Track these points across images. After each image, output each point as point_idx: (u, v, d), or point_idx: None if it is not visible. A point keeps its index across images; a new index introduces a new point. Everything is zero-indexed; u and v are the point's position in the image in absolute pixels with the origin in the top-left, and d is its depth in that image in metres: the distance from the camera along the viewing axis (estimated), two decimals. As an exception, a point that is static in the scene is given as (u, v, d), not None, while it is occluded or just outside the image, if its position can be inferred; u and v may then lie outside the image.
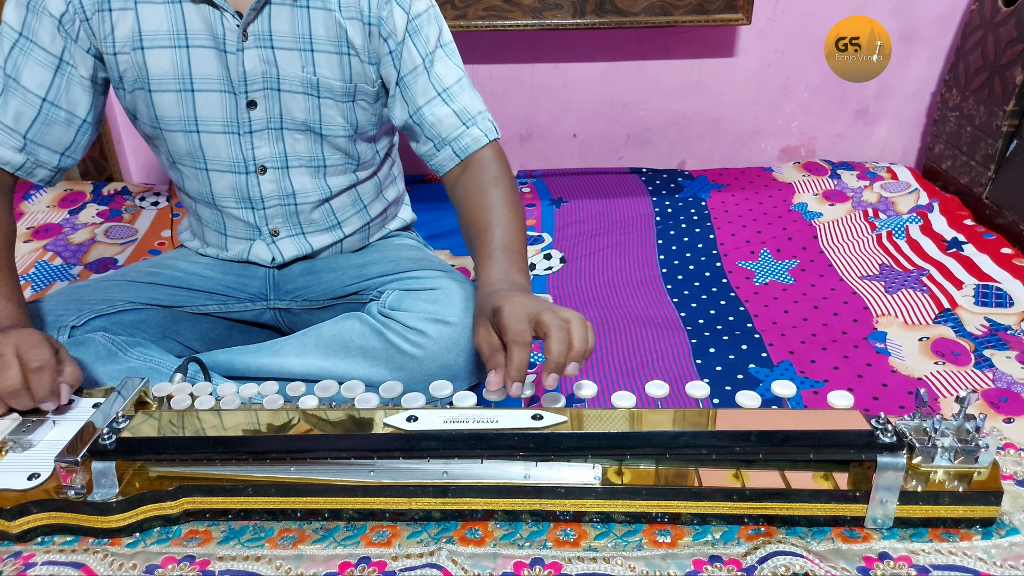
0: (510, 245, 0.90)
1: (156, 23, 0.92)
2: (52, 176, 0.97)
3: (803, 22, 1.70)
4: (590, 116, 1.82)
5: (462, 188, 0.98)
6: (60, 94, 0.93)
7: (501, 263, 0.87)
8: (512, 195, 0.96)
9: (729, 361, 1.14)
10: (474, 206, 0.95)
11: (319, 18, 0.94)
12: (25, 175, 0.95)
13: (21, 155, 0.93)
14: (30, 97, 0.92)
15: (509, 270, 0.86)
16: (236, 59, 0.94)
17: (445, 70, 0.99)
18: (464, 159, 0.99)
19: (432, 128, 0.99)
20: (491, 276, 0.85)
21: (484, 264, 0.88)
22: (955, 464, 0.69)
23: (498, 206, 0.93)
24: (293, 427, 0.73)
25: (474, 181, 0.97)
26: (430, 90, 0.98)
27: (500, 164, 0.99)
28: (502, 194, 0.95)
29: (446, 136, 0.99)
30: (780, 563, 0.65)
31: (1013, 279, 1.28)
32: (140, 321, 1.01)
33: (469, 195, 0.97)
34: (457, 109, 0.98)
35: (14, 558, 0.69)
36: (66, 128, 0.95)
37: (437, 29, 0.99)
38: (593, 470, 0.71)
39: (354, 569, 0.67)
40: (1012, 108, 1.46)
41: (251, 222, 1.05)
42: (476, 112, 0.99)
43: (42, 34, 0.91)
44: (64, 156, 0.97)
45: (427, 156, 1.02)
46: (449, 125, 0.98)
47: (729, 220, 1.60)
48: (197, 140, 0.98)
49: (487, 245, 0.90)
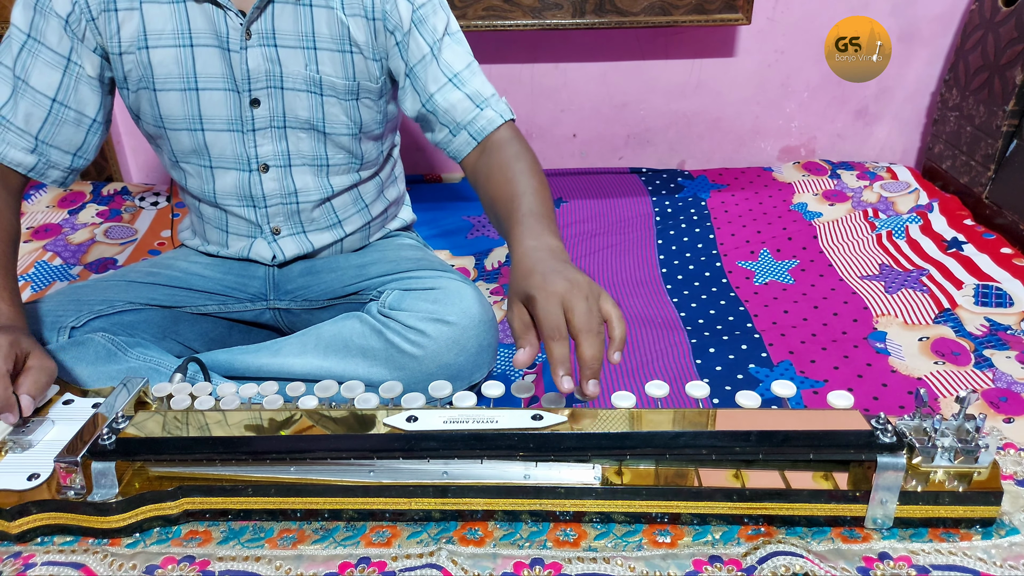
0: (538, 210, 0.86)
1: (161, 22, 0.92)
2: (65, 177, 0.98)
3: (803, 22, 1.70)
4: (590, 116, 1.82)
5: (484, 169, 0.96)
6: (69, 94, 0.93)
7: (532, 227, 0.83)
8: (536, 167, 0.94)
9: (729, 361, 1.14)
10: (498, 181, 0.92)
11: (322, 16, 0.94)
12: (38, 176, 0.95)
13: (33, 156, 0.93)
14: (39, 98, 0.92)
15: (541, 233, 0.82)
16: (240, 57, 0.94)
17: (454, 56, 0.98)
18: (481, 142, 0.98)
19: (446, 114, 0.98)
20: (524, 243, 0.81)
21: (514, 230, 0.84)
22: (955, 464, 0.69)
23: (523, 176, 0.91)
24: (293, 427, 0.73)
25: (496, 160, 0.95)
26: (440, 77, 0.97)
27: (520, 142, 0.97)
28: (526, 167, 0.92)
29: (461, 120, 0.98)
30: (780, 563, 0.65)
31: (1013, 279, 1.28)
32: (140, 321, 1.01)
33: (493, 173, 0.94)
34: (470, 93, 0.98)
35: (14, 558, 0.69)
36: (76, 128, 0.95)
37: (444, 17, 0.99)
38: (593, 470, 0.71)
39: (354, 569, 0.67)
40: (1012, 108, 1.46)
41: (252, 220, 1.05)
42: (489, 94, 0.99)
43: (49, 35, 0.91)
44: (76, 157, 0.97)
45: (443, 143, 1.01)
46: (463, 109, 0.98)
47: (729, 220, 1.60)
48: (201, 138, 0.98)
49: (515, 212, 0.86)
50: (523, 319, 0.75)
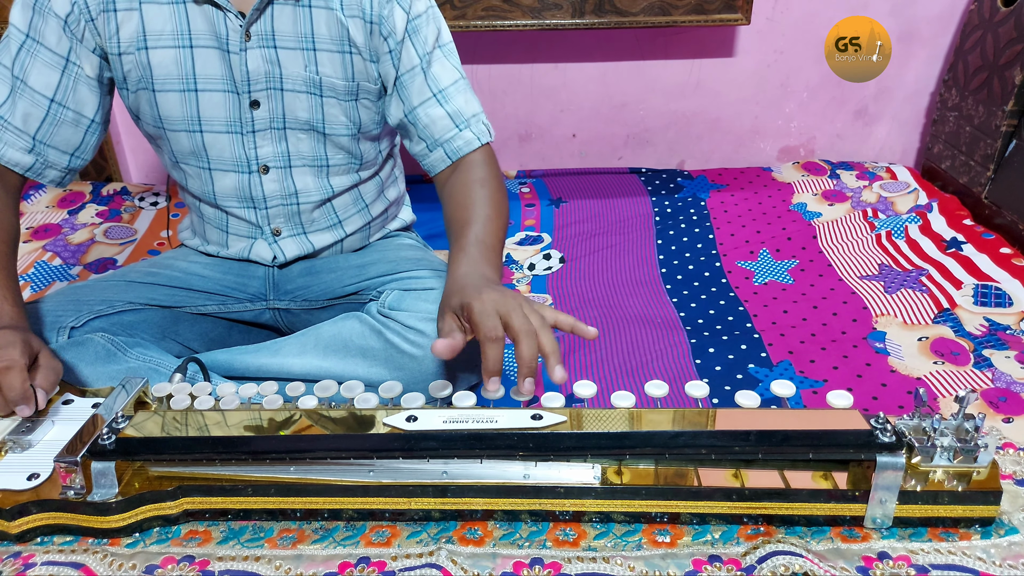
0: (485, 240, 0.89)
1: (160, 23, 0.92)
2: (62, 177, 0.98)
3: (803, 22, 1.70)
4: (589, 116, 1.82)
5: (449, 188, 0.99)
6: (67, 94, 0.93)
7: (472, 256, 0.87)
8: (497, 196, 0.96)
9: (728, 361, 1.14)
10: (457, 204, 0.95)
11: (321, 17, 0.94)
12: (35, 176, 0.95)
13: (30, 156, 0.93)
14: (38, 98, 0.92)
15: (479, 262, 0.86)
16: (239, 59, 0.94)
17: (442, 71, 0.99)
18: (455, 161, 1.00)
19: (426, 129, 0.99)
20: (460, 268, 0.85)
21: (456, 257, 0.88)
22: (954, 464, 0.69)
23: (480, 204, 0.93)
24: (293, 427, 0.73)
25: (461, 180, 0.98)
26: (426, 91, 0.98)
27: (489, 167, 0.99)
28: (486, 194, 0.95)
29: (439, 138, 0.99)
30: (779, 563, 0.65)
31: (1012, 279, 1.28)
32: (139, 321, 1.01)
33: (454, 194, 0.97)
34: (451, 111, 0.98)
35: (14, 558, 0.69)
36: (74, 128, 0.95)
37: (436, 30, 0.99)
38: (592, 470, 0.71)
39: (354, 569, 0.67)
40: (1011, 108, 1.46)
41: (253, 221, 1.05)
42: (471, 115, 0.99)
43: (48, 35, 0.91)
44: (74, 157, 0.97)
45: (420, 156, 1.02)
46: (442, 127, 0.98)
47: (728, 220, 1.60)
48: (200, 140, 0.98)
49: (462, 239, 0.90)
50: (453, 323, 0.77)
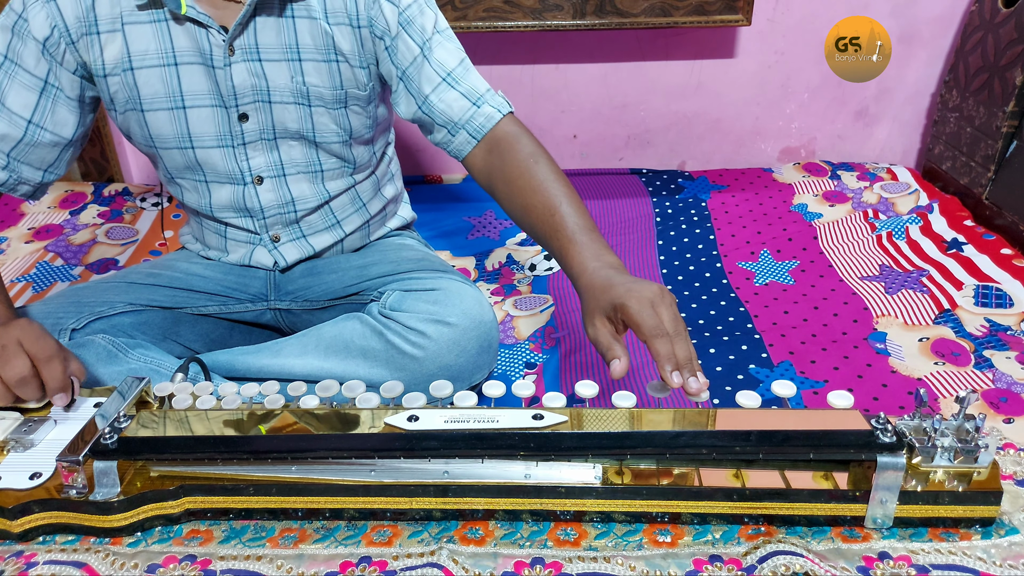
0: (585, 224, 0.86)
1: (144, 43, 0.92)
2: (34, 191, 0.98)
3: (803, 23, 1.70)
4: (590, 117, 1.83)
5: (499, 171, 0.94)
6: (46, 116, 0.93)
7: (589, 247, 0.84)
8: (556, 167, 0.92)
9: (729, 361, 1.14)
10: (523, 189, 0.90)
11: (305, 27, 0.94)
12: (7, 191, 0.96)
13: (3, 173, 0.94)
14: (15, 119, 0.92)
15: (600, 252, 0.83)
16: (224, 74, 0.94)
17: (445, 55, 0.97)
18: (482, 139, 0.96)
19: (443, 114, 0.97)
20: (586, 263, 0.82)
21: (569, 250, 0.84)
22: (955, 464, 0.69)
23: (552, 184, 0.89)
24: (294, 427, 0.73)
25: (511, 161, 0.93)
26: (435, 77, 0.96)
27: (528, 137, 0.95)
28: (548, 170, 0.91)
29: (458, 119, 0.96)
30: (780, 562, 0.65)
31: (1013, 280, 1.28)
32: (140, 323, 1.01)
33: (512, 178, 0.92)
34: (464, 91, 0.96)
35: (16, 557, 0.69)
36: (51, 148, 0.95)
37: (432, 16, 0.97)
38: (593, 470, 0.72)
39: (355, 568, 0.68)
40: (1012, 109, 1.46)
41: (252, 230, 1.06)
42: (484, 90, 0.97)
43: (27, 57, 0.91)
44: (47, 172, 0.97)
45: (443, 143, 0.99)
46: (459, 108, 0.96)
47: (729, 221, 1.60)
48: (193, 156, 0.99)
49: (563, 229, 0.85)
50: (609, 331, 0.76)
